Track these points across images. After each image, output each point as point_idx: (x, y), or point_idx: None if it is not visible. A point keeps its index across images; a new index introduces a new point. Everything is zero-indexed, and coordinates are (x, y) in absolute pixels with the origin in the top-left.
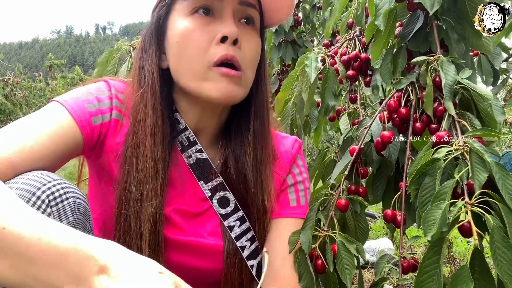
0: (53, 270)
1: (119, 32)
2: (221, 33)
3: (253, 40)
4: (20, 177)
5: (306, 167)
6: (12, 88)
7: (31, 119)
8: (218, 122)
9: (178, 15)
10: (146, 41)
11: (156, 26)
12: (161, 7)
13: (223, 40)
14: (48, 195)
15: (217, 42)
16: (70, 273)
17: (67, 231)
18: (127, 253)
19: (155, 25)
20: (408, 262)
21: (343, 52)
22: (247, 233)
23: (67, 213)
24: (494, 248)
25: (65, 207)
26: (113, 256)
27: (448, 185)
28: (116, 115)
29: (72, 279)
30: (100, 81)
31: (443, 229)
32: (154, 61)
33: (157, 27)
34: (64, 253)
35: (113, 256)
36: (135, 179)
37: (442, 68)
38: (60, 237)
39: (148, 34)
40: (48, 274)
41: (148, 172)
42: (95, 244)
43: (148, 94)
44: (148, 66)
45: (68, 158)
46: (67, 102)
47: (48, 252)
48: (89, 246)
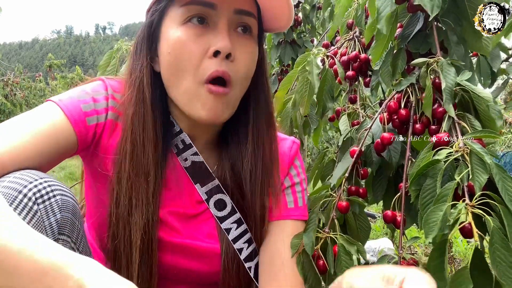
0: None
1: (119, 32)
2: (214, 47)
3: (248, 50)
4: (6, 176)
5: (304, 168)
6: (12, 88)
7: (24, 118)
8: (212, 130)
9: (171, 23)
10: (138, 44)
11: (148, 31)
12: (154, 11)
13: (215, 54)
14: (35, 193)
15: (209, 56)
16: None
17: (49, 246)
18: (108, 275)
19: (147, 30)
20: (408, 263)
21: (342, 52)
22: (244, 235)
23: (55, 211)
24: (493, 249)
25: (52, 204)
26: (93, 277)
27: (449, 187)
28: (112, 115)
29: None
30: (97, 81)
31: (444, 231)
32: (144, 66)
33: (149, 32)
34: (43, 269)
35: (93, 277)
36: (123, 186)
37: (442, 71)
38: (41, 252)
39: (140, 38)
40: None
41: (138, 179)
42: (76, 263)
43: (136, 99)
44: (137, 71)
45: (62, 157)
46: (62, 101)
47: (27, 268)
48: (69, 265)
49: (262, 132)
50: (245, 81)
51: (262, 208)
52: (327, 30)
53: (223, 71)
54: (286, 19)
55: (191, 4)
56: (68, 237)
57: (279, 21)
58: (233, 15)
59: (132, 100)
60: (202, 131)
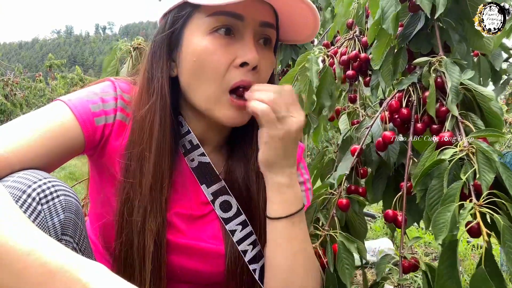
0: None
1: (119, 32)
2: (242, 59)
3: (270, 61)
4: (10, 175)
5: (307, 169)
6: (12, 88)
7: (32, 117)
8: (224, 133)
9: (196, 31)
10: (157, 49)
11: (169, 37)
12: (177, 18)
13: (242, 65)
14: (39, 193)
15: (236, 66)
16: None
17: (58, 250)
18: (115, 279)
19: (168, 36)
20: (409, 262)
21: (343, 52)
22: (249, 237)
23: (58, 211)
24: (506, 247)
25: (56, 204)
26: (100, 282)
27: (456, 186)
28: (121, 116)
29: None
30: (106, 81)
31: (453, 232)
32: (165, 73)
33: (170, 37)
34: (51, 272)
35: (100, 281)
36: (138, 193)
37: (447, 70)
38: (50, 255)
39: (159, 42)
40: None
41: (153, 187)
42: (84, 267)
43: (157, 107)
44: (158, 78)
45: (69, 157)
46: (71, 101)
47: (36, 270)
48: (78, 268)
49: None
50: None
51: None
52: (327, 30)
53: (249, 82)
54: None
55: (219, 15)
56: (71, 237)
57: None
58: (259, 27)
59: (153, 108)
60: (214, 134)
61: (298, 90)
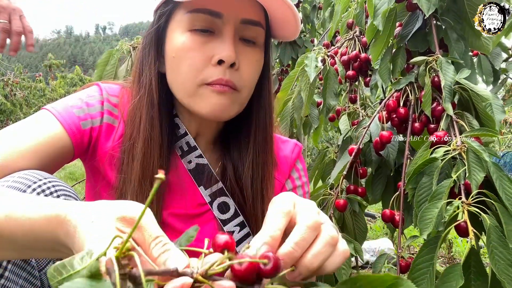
0: (44, 235)
1: (119, 32)
2: (218, 56)
3: (253, 58)
4: (11, 175)
5: (306, 171)
6: (12, 88)
7: (19, 127)
8: (217, 128)
9: (177, 28)
10: (146, 46)
11: (156, 33)
12: (162, 14)
13: (219, 63)
14: (39, 193)
15: (214, 64)
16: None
17: (48, 201)
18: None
19: (155, 32)
20: (406, 262)
21: (343, 52)
22: (247, 239)
23: None
24: (491, 247)
25: None
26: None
27: (445, 184)
28: (108, 119)
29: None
30: (92, 86)
31: (439, 228)
32: (152, 68)
33: (157, 34)
34: (49, 218)
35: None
36: (129, 188)
37: (441, 69)
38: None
39: (148, 39)
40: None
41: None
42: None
43: (145, 102)
44: (146, 73)
45: (60, 163)
46: (54, 108)
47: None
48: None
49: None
50: (251, 85)
51: (264, 212)
52: (327, 30)
53: (226, 80)
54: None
55: (198, 12)
56: None
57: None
58: (240, 25)
59: (141, 103)
60: (206, 129)
61: (299, 89)
